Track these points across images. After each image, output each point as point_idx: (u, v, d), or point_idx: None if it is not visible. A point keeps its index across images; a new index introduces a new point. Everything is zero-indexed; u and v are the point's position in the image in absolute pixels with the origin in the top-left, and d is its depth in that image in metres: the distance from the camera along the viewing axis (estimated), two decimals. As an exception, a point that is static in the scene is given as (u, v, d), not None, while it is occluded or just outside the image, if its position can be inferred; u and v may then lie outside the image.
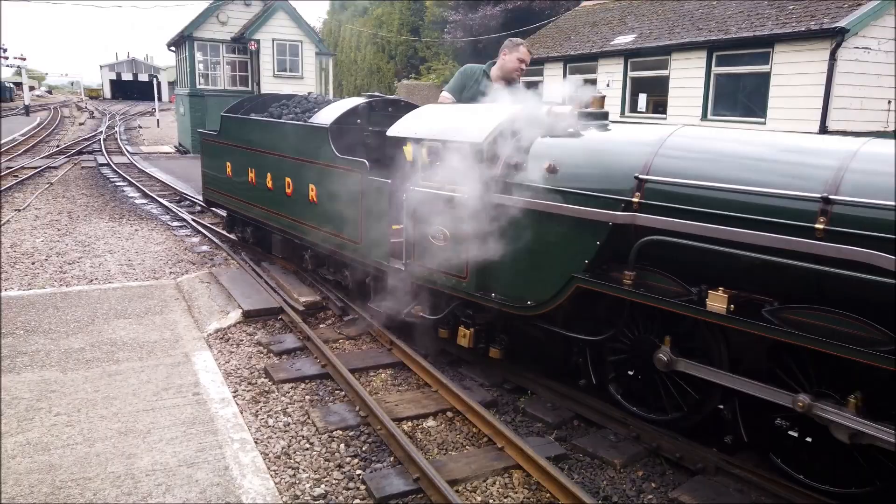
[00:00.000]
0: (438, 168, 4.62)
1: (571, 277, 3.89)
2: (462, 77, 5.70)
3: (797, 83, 11.19)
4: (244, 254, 8.06)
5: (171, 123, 30.42)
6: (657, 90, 14.07)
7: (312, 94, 8.07)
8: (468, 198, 4.37)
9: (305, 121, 6.36)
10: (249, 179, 7.22)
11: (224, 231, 9.26)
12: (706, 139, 3.98)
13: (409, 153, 4.86)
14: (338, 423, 4.14)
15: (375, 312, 5.57)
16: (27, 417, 3.94)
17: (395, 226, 5.13)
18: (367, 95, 6.46)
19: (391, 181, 5.07)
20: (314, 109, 6.52)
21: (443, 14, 30.81)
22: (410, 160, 4.86)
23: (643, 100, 14.46)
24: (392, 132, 5.04)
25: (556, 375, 4.56)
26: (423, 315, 5.06)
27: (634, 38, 14.65)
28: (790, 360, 3.32)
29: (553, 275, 4.03)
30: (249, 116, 7.39)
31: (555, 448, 3.86)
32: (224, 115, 7.87)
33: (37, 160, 17.75)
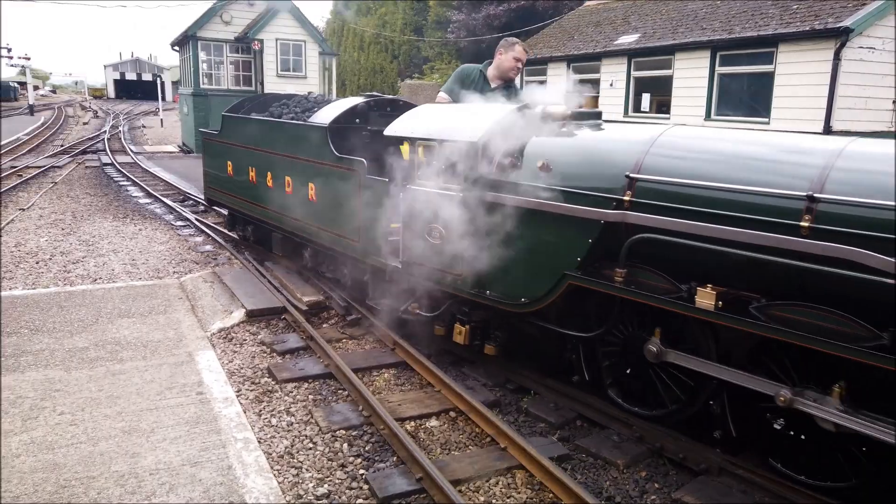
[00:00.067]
0: (434, 167, 4.64)
1: (564, 275, 3.93)
2: (459, 77, 5.71)
3: (801, 83, 11.16)
4: (247, 253, 8.07)
5: (175, 123, 30.47)
6: (661, 90, 14.06)
7: (312, 94, 8.08)
8: (463, 196, 4.40)
9: (305, 120, 6.37)
10: (250, 178, 7.24)
11: (226, 230, 9.28)
12: (697, 139, 4.01)
13: (406, 152, 4.88)
14: (341, 423, 4.15)
15: (378, 312, 5.58)
16: (31, 416, 3.95)
17: (393, 224, 5.14)
18: (366, 95, 6.46)
19: (389, 180, 5.09)
20: (314, 109, 6.54)
21: (446, 14, 30.85)
22: (407, 159, 4.88)
23: (647, 100, 14.44)
24: (389, 131, 5.07)
25: (555, 374, 4.57)
26: (420, 312, 5.07)
27: (638, 38, 14.64)
28: (779, 356, 3.35)
29: (546, 272, 4.06)
30: (250, 116, 7.41)
31: (558, 448, 3.86)
32: (225, 115, 7.89)
33: (41, 159, 17.80)
